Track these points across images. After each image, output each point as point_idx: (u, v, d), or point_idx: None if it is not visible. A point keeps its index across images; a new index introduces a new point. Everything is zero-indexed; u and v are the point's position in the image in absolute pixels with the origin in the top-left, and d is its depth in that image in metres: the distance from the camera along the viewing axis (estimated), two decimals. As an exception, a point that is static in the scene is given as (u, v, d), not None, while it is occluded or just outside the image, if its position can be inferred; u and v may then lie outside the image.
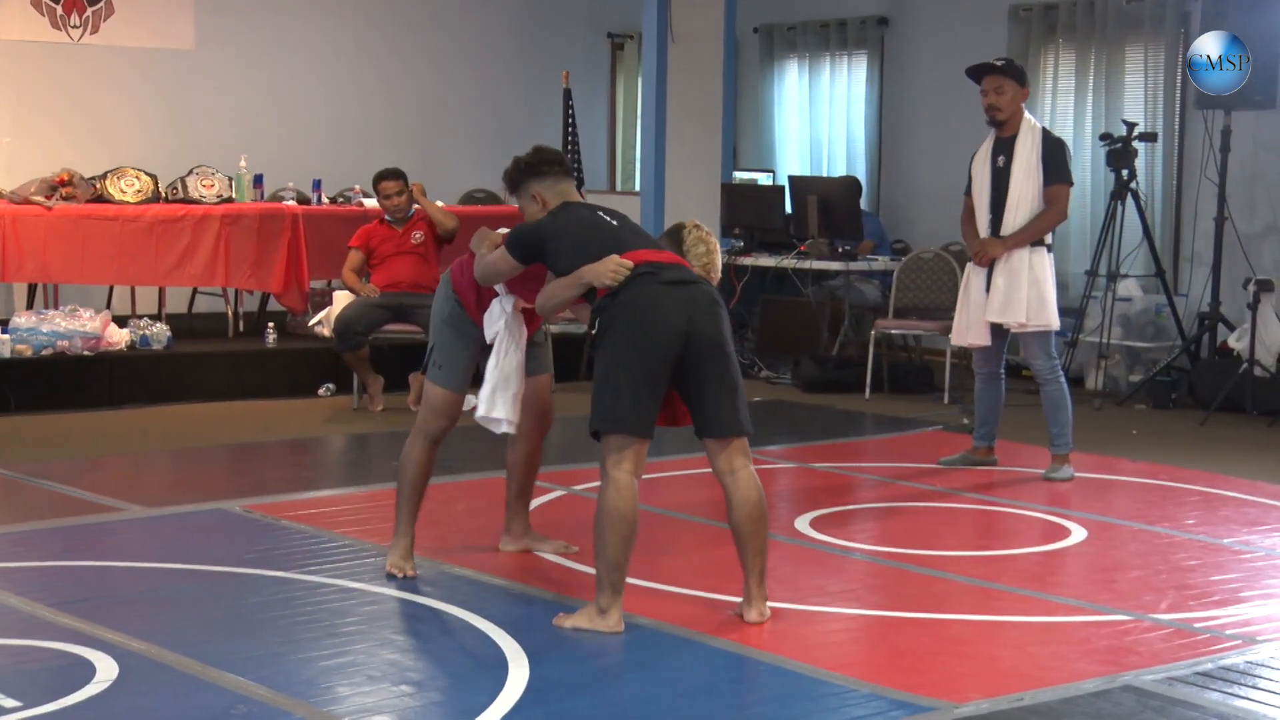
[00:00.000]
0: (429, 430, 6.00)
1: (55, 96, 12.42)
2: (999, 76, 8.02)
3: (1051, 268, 8.13)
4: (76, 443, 8.93)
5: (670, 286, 5.33)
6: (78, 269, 10.74)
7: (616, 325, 5.32)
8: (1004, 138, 8.08)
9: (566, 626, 5.38)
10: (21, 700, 4.56)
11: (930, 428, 9.59)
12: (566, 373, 11.31)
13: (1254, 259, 10.64)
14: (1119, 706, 4.71)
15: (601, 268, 5.34)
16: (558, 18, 14.81)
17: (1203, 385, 10.38)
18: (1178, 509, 7.45)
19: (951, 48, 12.81)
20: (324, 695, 4.71)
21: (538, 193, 5.68)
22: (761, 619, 5.48)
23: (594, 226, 5.52)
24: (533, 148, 5.83)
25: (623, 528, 5.28)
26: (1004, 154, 8.05)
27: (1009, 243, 7.99)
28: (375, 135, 13.55)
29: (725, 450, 5.44)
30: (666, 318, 5.28)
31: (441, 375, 5.97)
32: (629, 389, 5.29)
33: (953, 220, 12.83)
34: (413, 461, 6.03)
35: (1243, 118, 10.56)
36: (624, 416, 5.29)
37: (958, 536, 6.84)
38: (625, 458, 5.30)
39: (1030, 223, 7.98)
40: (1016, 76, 8.05)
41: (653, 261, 5.38)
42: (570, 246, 5.46)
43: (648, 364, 5.29)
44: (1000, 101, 8.01)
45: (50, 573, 6.06)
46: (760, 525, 5.47)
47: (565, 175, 5.75)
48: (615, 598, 5.34)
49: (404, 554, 6.03)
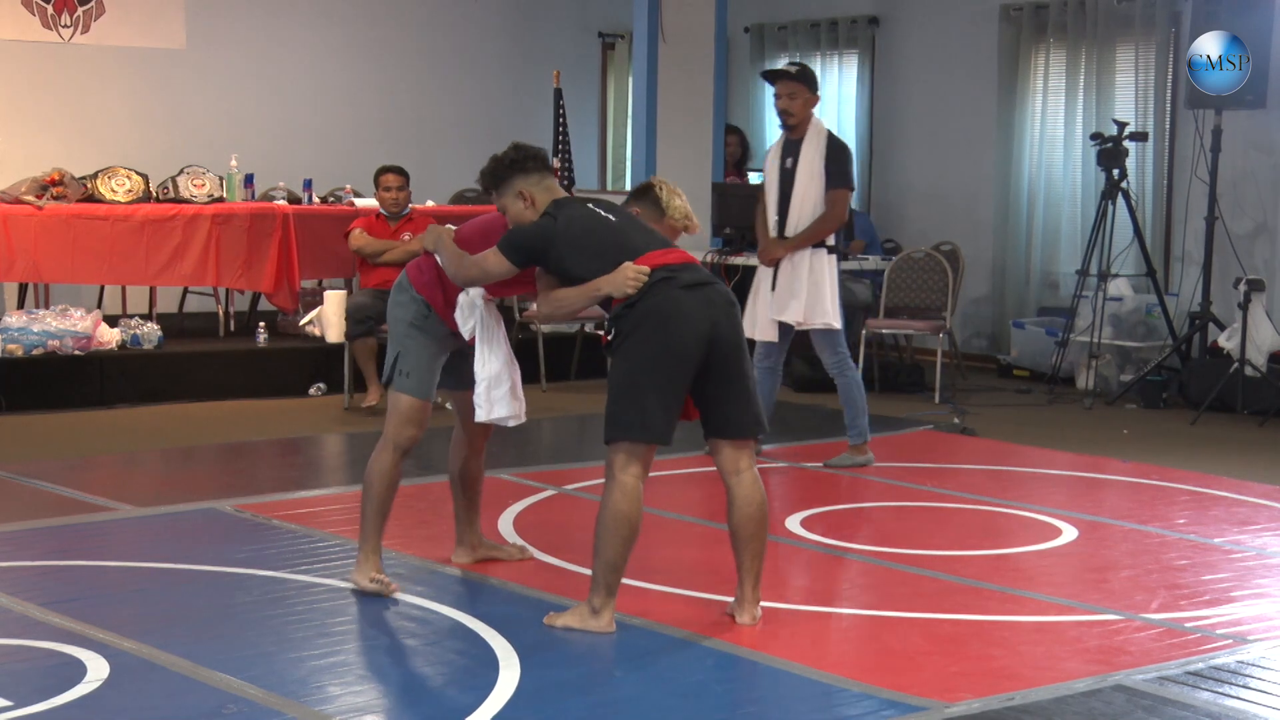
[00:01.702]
0: (399, 441, 5.83)
1: (46, 96, 12.40)
2: (793, 82, 8.20)
3: (833, 269, 8.26)
4: (67, 442, 8.91)
5: (690, 290, 5.29)
6: (68, 268, 10.72)
7: (640, 332, 5.26)
8: (794, 140, 8.25)
9: (557, 625, 5.38)
10: (12, 700, 4.56)
11: (921, 427, 9.60)
12: (558, 373, 11.32)
13: (1245, 258, 10.66)
14: (1110, 706, 4.72)
15: (620, 278, 5.29)
16: (548, 17, 14.82)
17: (1194, 385, 10.40)
18: (1169, 509, 7.46)
19: (942, 48, 12.84)
20: (315, 695, 4.71)
21: (524, 190, 5.57)
22: (753, 622, 5.48)
23: (595, 227, 5.45)
24: (512, 144, 5.70)
25: (625, 530, 5.28)
26: (792, 156, 8.23)
27: (790, 245, 8.18)
28: (366, 135, 13.55)
29: (735, 451, 5.45)
30: (691, 323, 5.25)
31: (409, 383, 5.80)
32: (656, 396, 5.25)
33: (945, 220, 12.99)
34: (380, 474, 5.85)
35: (1233, 117, 10.58)
36: (651, 424, 5.25)
37: (949, 536, 6.84)
38: (634, 462, 5.29)
39: (810, 226, 8.16)
40: (809, 83, 8.24)
41: (668, 264, 5.34)
42: (575, 250, 5.39)
43: (674, 370, 5.26)
44: (793, 106, 8.18)
45: (41, 572, 6.06)
46: (761, 528, 5.48)
47: (548, 171, 5.68)
48: (609, 599, 5.34)
49: (377, 568, 5.85)
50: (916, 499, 7.61)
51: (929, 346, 11.73)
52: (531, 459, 8.38)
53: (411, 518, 6.68)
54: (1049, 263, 12.21)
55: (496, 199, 5.65)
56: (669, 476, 7.76)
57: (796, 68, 8.33)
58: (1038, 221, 12.17)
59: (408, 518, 6.66)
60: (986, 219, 12.50)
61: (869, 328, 10.99)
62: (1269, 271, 10.72)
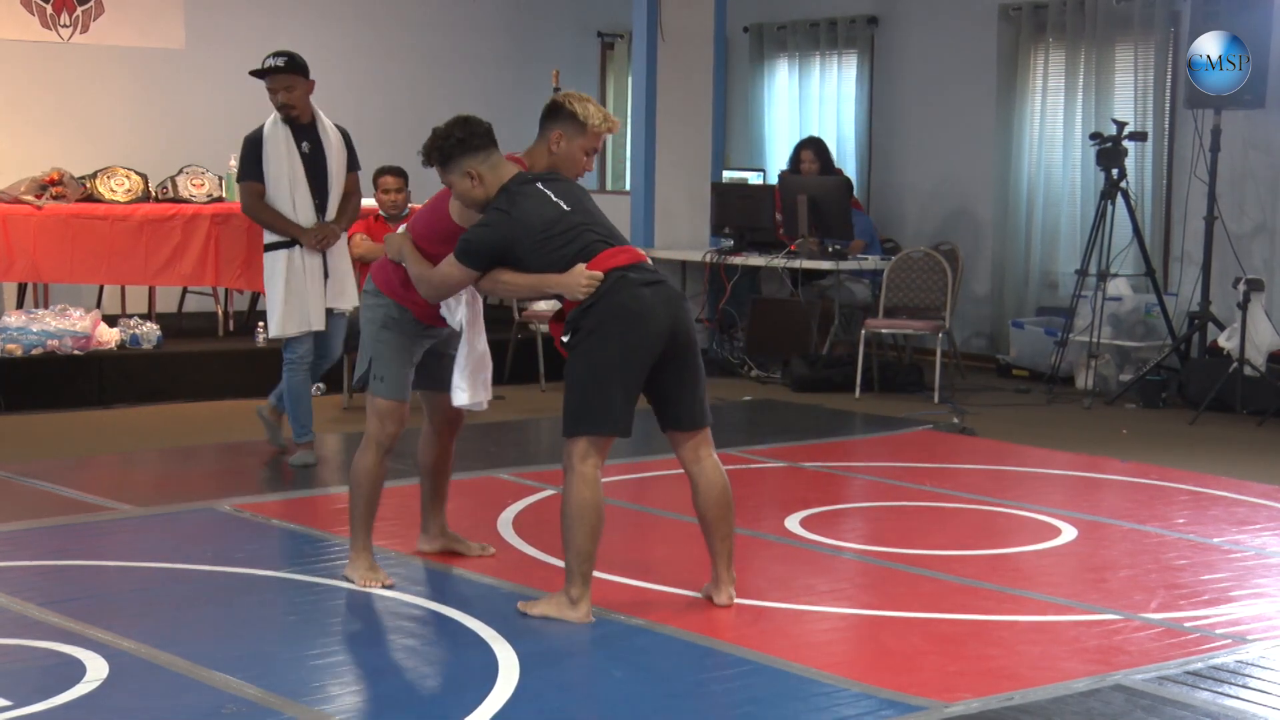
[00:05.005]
0: (381, 440, 5.87)
1: (45, 96, 12.40)
2: (286, 76, 8.04)
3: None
4: (66, 442, 8.91)
5: (648, 288, 5.39)
6: (67, 268, 10.73)
7: (604, 328, 5.34)
8: (303, 125, 8.15)
9: (534, 613, 5.44)
10: (12, 700, 4.56)
11: (920, 427, 9.59)
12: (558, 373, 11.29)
13: (1244, 258, 10.66)
14: (1109, 706, 4.72)
15: (572, 281, 5.36)
16: (548, 17, 14.81)
17: (1193, 385, 10.39)
18: (1168, 508, 7.46)
19: (941, 47, 12.84)
20: (314, 695, 4.71)
21: (472, 169, 5.52)
22: (730, 601, 5.61)
23: (552, 220, 5.45)
24: (458, 118, 5.62)
25: (592, 518, 5.37)
26: (308, 140, 8.14)
27: (341, 227, 8.20)
28: (365, 134, 13.39)
29: (692, 440, 5.57)
30: (654, 320, 5.36)
31: (385, 387, 5.83)
32: (620, 390, 5.37)
33: (944, 220, 13.00)
34: (366, 473, 5.90)
35: (1233, 117, 10.59)
36: (615, 417, 5.38)
37: (948, 536, 6.85)
38: (594, 453, 5.40)
39: (348, 209, 8.24)
40: (303, 71, 8.08)
41: (619, 265, 5.40)
42: (533, 246, 5.42)
43: (638, 364, 5.38)
44: (294, 99, 8.05)
45: (40, 572, 6.06)
46: (727, 510, 5.60)
47: (495, 147, 5.60)
48: (585, 588, 5.42)
49: (370, 565, 5.91)
50: (916, 499, 7.61)
51: (928, 346, 11.72)
52: (530, 459, 8.39)
53: (410, 518, 6.66)
54: (1048, 262, 12.20)
55: (442, 175, 5.60)
56: (666, 476, 7.75)
57: (284, 59, 8.07)
58: (1037, 221, 12.17)
59: (406, 518, 6.66)
60: (986, 219, 12.51)
61: (868, 327, 10.99)
62: (1268, 271, 10.72)
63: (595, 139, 5.78)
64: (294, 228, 8.05)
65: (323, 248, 8.11)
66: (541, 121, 5.82)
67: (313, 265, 8.09)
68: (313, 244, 8.06)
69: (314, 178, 8.11)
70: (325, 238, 8.09)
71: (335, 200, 8.18)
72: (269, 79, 8.03)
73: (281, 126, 8.09)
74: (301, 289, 8.06)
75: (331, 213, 8.16)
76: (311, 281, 8.08)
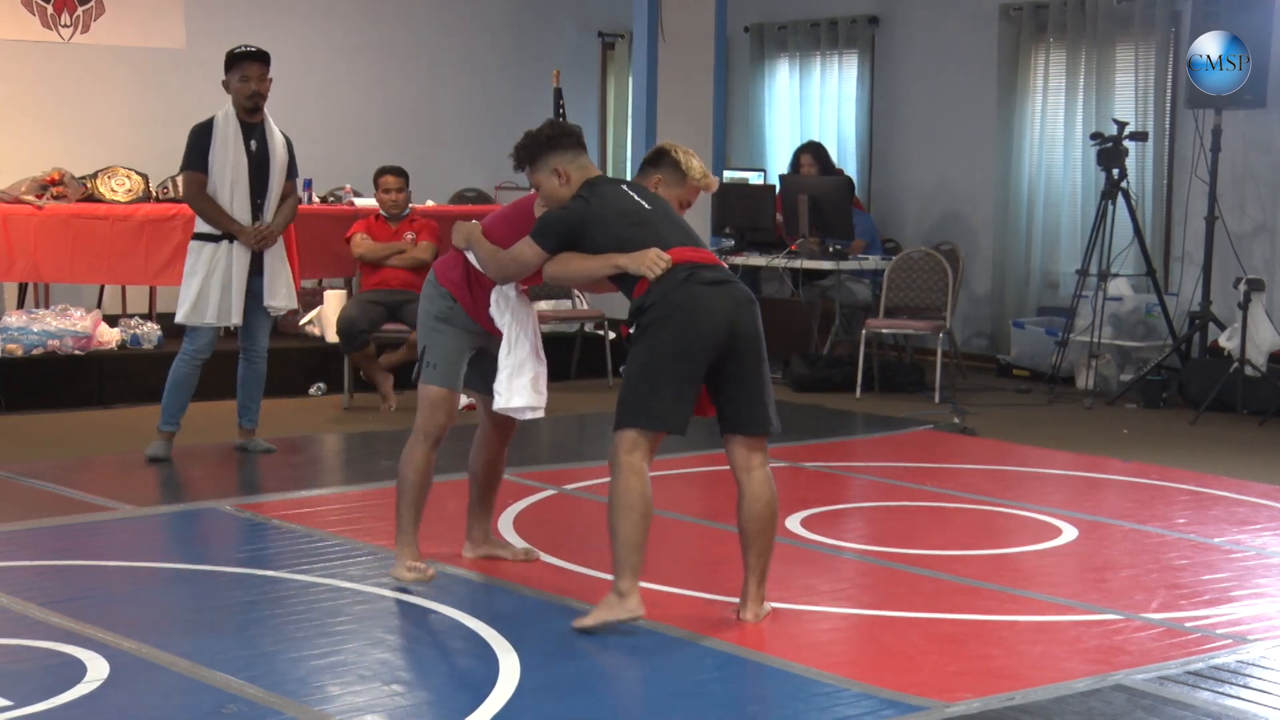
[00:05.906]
0: (429, 430, 5.87)
1: (46, 96, 12.39)
2: (266, 66, 8.19)
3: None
4: (67, 442, 8.91)
5: (712, 286, 5.34)
6: (68, 268, 10.72)
7: (662, 323, 5.28)
8: (252, 124, 8.20)
9: (592, 625, 5.32)
10: (12, 700, 4.56)
11: (921, 427, 9.59)
12: (558, 372, 11.29)
13: (1245, 258, 10.66)
14: (1110, 706, 4.72)
15: (641, 257, 5.32)
16: (548, 17, 14.80)
17: (1193, 384, 10.39)
18: (1168, 508, 7.46)
19: (942, 47, 12.84)
20: (315, 694, 4.71)
21: (559, 166, 5.56)
22: (757, 619, 5.48)
23: (629, 210, 5.47)
24: (547, 121, 5.74)
25: (641, 507, 5.27)
26: (256, 139, 8.19)
27: (278, 228, 8.25)
28: (365, 134, 13.54)
29: (748, 448, 5.46)
30: (714, 317, 5.29)
31: (436, 374, 5.86)
32: (673, 386, 5.29)
33: (945, 220, 12.99)
34: (414, 465, 5.90)
35: (1233, 117, 10.59)
36: (665, 413, 5.30)
37: (948, 536, 6.84)
38: (640, 448, 5.32)
39: (285, 211, 8.29)
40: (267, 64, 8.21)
41: (691, 262, 5.37)
42: (606, 232, 5.41)
43: (692, 362, 5.29)
44: (265, 90, 8.18)
45: (41, 572, 6.06)
46: (769, 526, 5.48)
47: (583, 149, 5.66)
48: (634, 581, 5.31)
49: (414, 556, 5.92)
50: (916, 499, 7.61)
51: (929, 346, 11.73)
52: (531, 459, 8.38)
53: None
54: (1049, 262, 12.20)
55: (530, 175, 5.66)
56: (669, 476, 7.75)
57: (256, 48, 8.20)
58: (1037, 221, 12.17)
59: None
60: (986, 219, 12.50)
61: (869, 327, 11.00)
62: (1269, 271, 10.72)
63: (693, 192, 5.80)
64: (235, 225, 8.11)
65: (260, 248, 8.19)
66: (642, 165, 5.88)
67: (242, 262, 8.15)
68: (251, 243, 8.13)
69: (256, 178, 8.18)
70: (264, 239, 8.18)
71: (273, 202, 8.24)
72: (249, 65, 8.09)
73: (233, 121, 8.15)
74: (225, 283, 8.12)
75: (268, 214, 8.22)
76: (237, 278, 8.14)
